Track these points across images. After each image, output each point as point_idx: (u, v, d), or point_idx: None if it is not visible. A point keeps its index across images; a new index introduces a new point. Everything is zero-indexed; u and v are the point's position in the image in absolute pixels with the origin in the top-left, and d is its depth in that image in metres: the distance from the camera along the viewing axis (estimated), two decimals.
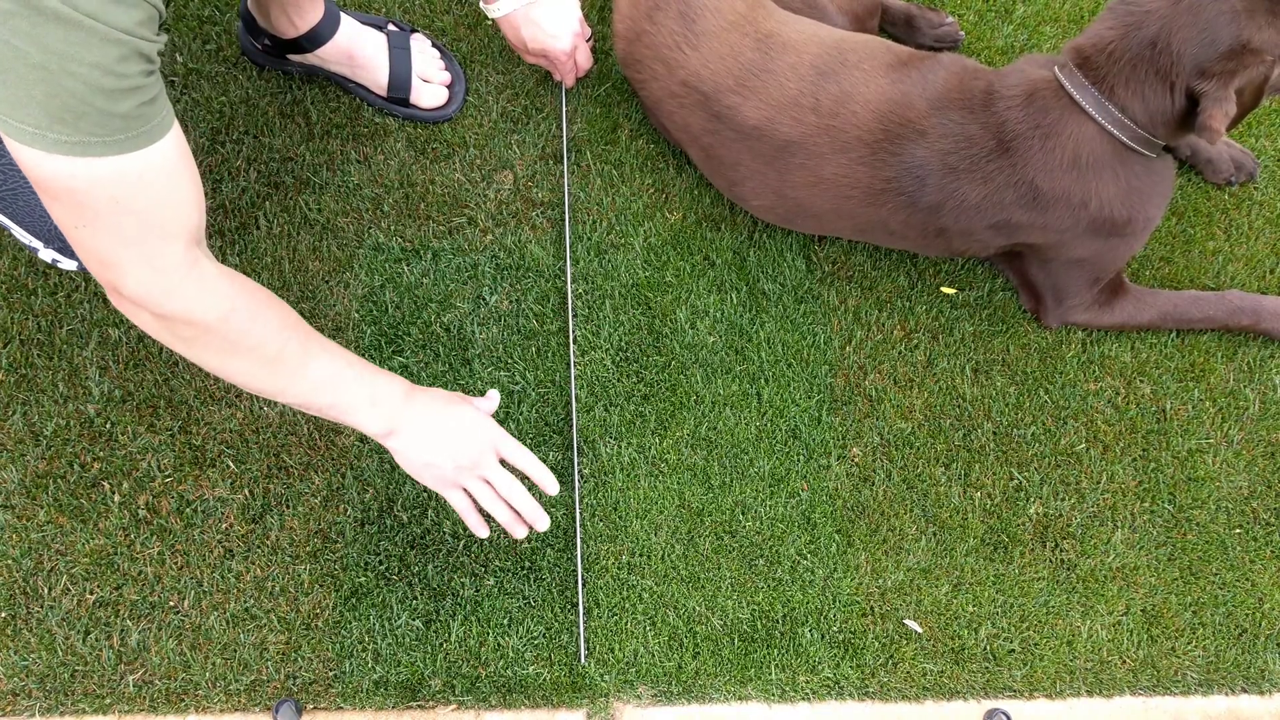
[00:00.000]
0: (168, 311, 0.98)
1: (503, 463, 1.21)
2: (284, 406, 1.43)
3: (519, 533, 1.23)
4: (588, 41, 1.59)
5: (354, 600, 1.36)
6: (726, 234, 1.59)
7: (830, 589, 1.41)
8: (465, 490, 1.20)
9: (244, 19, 1.54)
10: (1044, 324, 1.56)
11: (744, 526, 1.44)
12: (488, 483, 1.20)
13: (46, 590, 1.33)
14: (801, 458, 1.48)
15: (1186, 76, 1.24)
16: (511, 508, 1.21)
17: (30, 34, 0.77)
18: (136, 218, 0.92)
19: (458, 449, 1.17)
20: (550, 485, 1.23)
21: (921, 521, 1.46)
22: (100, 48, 0.81)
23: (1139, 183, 1.37)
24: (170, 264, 0.96)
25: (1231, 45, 1.21)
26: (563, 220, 1.57)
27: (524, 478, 1.22)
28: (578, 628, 1.36)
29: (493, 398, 1.26)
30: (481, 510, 1.21)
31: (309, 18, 1.50)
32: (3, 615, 1.32)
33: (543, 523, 1.22)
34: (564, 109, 1.62)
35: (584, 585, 1.38)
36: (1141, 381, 1.56)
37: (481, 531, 1.23)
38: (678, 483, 1.45)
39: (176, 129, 0.93)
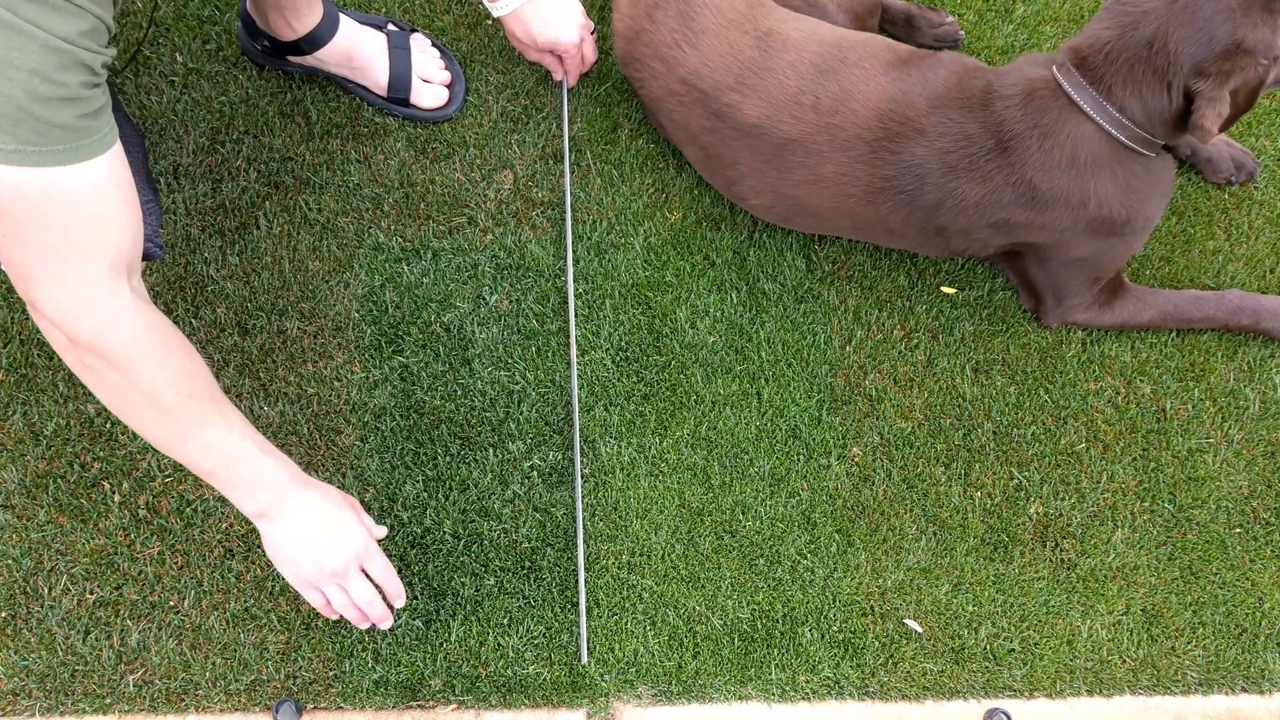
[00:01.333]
0: (76, 335, 0.94)
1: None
2: (284, 406, 1.43)
3: (361, 626, 1.24)
4: (591, 34, 1.58)
5: None
6: (726, 234, 1.59)
7: (830, 589, 1.41)
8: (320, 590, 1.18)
9: (243, 20, 1.54)
10: (1044, 324, 1.56)
11: (744, 526, 1.44)
12: (344, 590, 1.18)
13: (46, 590, 1.33)
14: (801, 457, 1.48)
15: (1184, 76, 1.24)
16: (360, 610, 1.20)
17: None
18: (56, 234, 0.88)
19: (325, 555, 1.15)
20: (399, 599, 1.24)
21: (921, 521, 1.46)
22: (39, 54, 0.79)
23: (1137, 182, 1.37)
24: (85, 286, 0.92)
25: (1228, 45, 1.21)
26: (563, 220, 1.57)
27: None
28: (578, 628, 1.36)
29: (380, 531, 1.24)
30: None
31: (307, 21, 1.49)
32: (3, 615, 1.32)
33: (386, 624, 1.23)
34: (564, 108, 1.62)
35: (584, 585, 1.38)
36: (1141, 381, 1.56)
37: (329, 615, 1.22)
38: (678, 482, 1.45)
39: (118, 150, 0.91)
